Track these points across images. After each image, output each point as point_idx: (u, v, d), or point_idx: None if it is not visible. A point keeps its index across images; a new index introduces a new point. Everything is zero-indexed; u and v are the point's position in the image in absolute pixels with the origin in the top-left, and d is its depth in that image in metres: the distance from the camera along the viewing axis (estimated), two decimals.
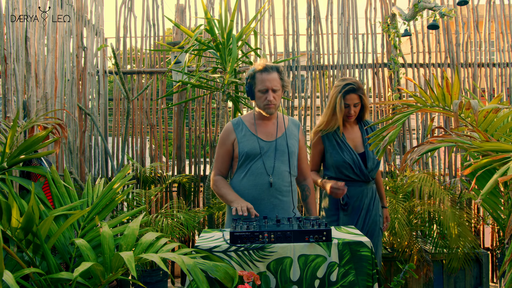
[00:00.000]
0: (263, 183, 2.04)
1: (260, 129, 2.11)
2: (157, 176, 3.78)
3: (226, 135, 2.15)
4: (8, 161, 1.73)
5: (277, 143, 2.09)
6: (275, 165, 2.06)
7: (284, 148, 2.08)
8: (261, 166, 2.05)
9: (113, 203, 1.81)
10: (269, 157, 2.06)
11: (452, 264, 3.06)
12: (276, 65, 2.03)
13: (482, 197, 1.23)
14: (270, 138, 2.10)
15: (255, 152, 2.06)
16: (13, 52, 2.38)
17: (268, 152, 2.07)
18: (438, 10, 3.38)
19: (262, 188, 2.04)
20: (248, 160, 2.07)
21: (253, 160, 2.06)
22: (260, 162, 2.05)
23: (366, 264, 1.65)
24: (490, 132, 1.77)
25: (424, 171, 3.61)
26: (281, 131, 2.12)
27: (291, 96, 3.90)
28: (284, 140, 2.10)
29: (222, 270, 1.42)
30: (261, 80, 1.99)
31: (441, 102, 1.85)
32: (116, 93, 3.93)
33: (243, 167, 2.09)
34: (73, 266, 1.62)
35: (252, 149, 2.06)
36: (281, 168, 2.07)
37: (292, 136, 2.14)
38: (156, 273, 3.18)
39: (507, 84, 4.00)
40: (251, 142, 2.07)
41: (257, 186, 2.05)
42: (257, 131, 2.10)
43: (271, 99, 2.00)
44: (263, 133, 2.10)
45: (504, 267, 1.44)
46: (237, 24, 3.88)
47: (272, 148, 2.08)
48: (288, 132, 2.13)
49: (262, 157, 2.06)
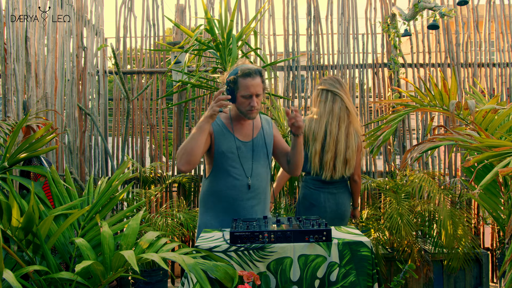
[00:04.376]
0: (242, 185, 2.01)
1: (237, 128, 2.06)
2: (157, 176, 3.78)
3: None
4: (9, 160, 1.73)
5: (254, 144, 2.06)
6: (253, 167, 2.04)
7: (261, 148, 2.07)
8: (239, 167, 2.01)
9: (113, 201, 1.81)
10: (247, 158, 2.03)
11: (452, 264, 3.06)
12: (258, 68, 1.96)
13: (481, 187, 1.23)
14: (247, 138, 2.06)
15: (232, 151, 2.01)
16: (13, 52, 2.38)
17: (245, 153, 2.03)
18: (438, 10, 3.38)
19: (241, 190, 2.01)
20: (225, 160, 2.02)
21: (230, 160, 2.01)
22: (238, 163, 2.02)
23: (366, 264, 1.65)
24: (490, 131, 1.77)
25: (424, 171, 3.61)
26: (257, 130, 2.10)
27: (291, 96, 3.90)
28: (261, 140, 2.08)
29: (222, 270, 1.41)
30: (245, 86, 1.92)
31: (439, 102, 1.85)
32: (116, 93, 3.93)
33: (220, 167, 2.03)
34: (73, 266, 1.62)
35: (228, 149, 2.01)
36: (259, 169, 2.05)
37: (268, 135, 2.12)
38: (156, 273, 3.18)
39: (507, 84, 4.00)
40: (228, 141, 2.02)
41: (236, 188, 2.01)
42: (234, 130, 2.05)
43: (255, 104, 1.94)
44: (239, 133, 2.05)
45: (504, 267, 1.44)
46: (237, 24, 3.88)
47: (249, 149, 2.04)
48: (264, 132, 2.11)
49: (240, 158, 2.02)
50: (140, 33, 3.97)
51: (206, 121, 1.86)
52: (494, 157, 1.35)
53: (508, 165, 1.24)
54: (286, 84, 3.93)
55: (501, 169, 1.21)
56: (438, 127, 1.99)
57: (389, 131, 1.98)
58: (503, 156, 1.33)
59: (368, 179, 3.44)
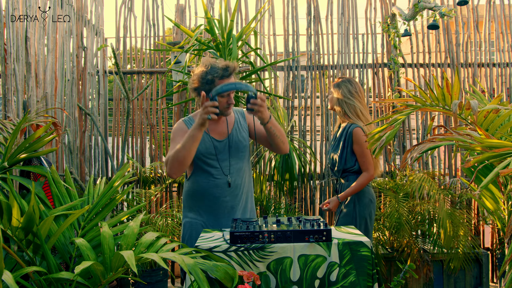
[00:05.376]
0: (222, 183, 2.05)
1: (212, 128, 2.09)
2: (157, 176, 3.78)
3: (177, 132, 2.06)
4: (9, 160, 1.73)
5: (229, 141, 2.09)
6: (231, 164, 2.08)
7: (237, 144, 2.09)
8: (218, 166, 2.06)
9: (113, 202, 1.81)
10: (224, 156, 2.07)
11: (452, 264, 3.06)
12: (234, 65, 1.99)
13: (481, 188, 1.23)
14: (222, 136, 2.10)
15: (210, 152, 2.05)
16: (13, 52, 2.38)
17: (223, 152, 2.07)
18: (438, 10, 3.38)
19: (222, 188, 2.05)
20: (203, 161, 2.06)
21: (209, 160, 2.06)
22: (216, 162, 2.06)
23: (366, 264, 1.65)
24: (491, 131, 1.77)
25: (424, 171, 3.61)
26: (231, 126, 2.13)
27: (291, 96, 3.90)
28: (236, 135, 2.11)
29: (222, 270, 1.41)
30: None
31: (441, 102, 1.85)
32: (116, 93, 3.93)
33: (199, 168, 2.07)
34: (73, 266, 1.62)
35: (206, 150, 2.05)
36: (238, 164, 2.09)
37: (242, 128, 2.15)
38: (156, 273, 3.18)
39: (507, 84, 4.00)
40: (205, 142, 2.05)
41: (218, 187, 2.05)
42: (209, 130, 2.09)
43: (232, 102, 2.01)
44: (215, 132, 2.09)
45: (504, 267, 1.44)
46: (237, 24, 3.88)
47: (226, 147, 2.08)
48: (239, 125, 2.14)
49: (218, 157, 2.06)
50: (140, 33, 3.97)
51: (199, 129, 1.88)
52: (494, 158, 1.35)
53: (508, 166, 1.24)
54: (286, 84, 3.93)
55: (501, 170, 1.21)
56: (438, 127, 1.99)
57: (392, 132, 1.98)
58: (503, 157, 1.33)
59: None
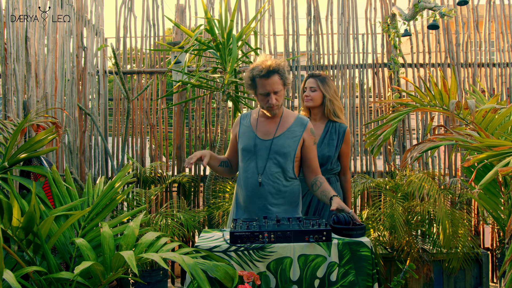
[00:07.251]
0: (254, 183, 2.04)
1: (261, 126, 2.11)
2: (157, 176, 3.78)
3: (234, 126, 2.25)
4: (9, 160, 1.73)
5: (272, 143, 2.06)
6: (267, 165, 2.05)
7: (278, 148, 2.05)
8: (254, 164, 2.05)
9: (114, 203, 1.81)
10: (262, 157, 2.06)
11: (452, 264, 3.06)
12: (276, 66, 1.98)
13: (481, 187, 1.23)
14: (267, 137, 2.08)
15: (249, 149, 2.07)
16: (13, 52, 2.38)
17: (261, 151, 2.06)
18: (438, 10, 3.38)
19: (253, 187, 2.04)
20: (243, 157, 2.10)
21: (248, 157, 2.08)
22: (253, 160, 2.06)
23: (366, 264, 1.65)
24: (490, 131, 1.77)
25: (424, 171, 3.61)
26: (281, 130, 2.09)
27: (291, 96, 3.90)
28: (281, 140, 2.06)
29: (222, 270, 1.42)
30: (262, 85, 1.99)
31: (439, 101, 1.85)
32: (116, 93, 3.93)
33: (241, 164, 2.13)
34: (73, 266, 1.62)
35: (247, 146, 2.08)
36: (272, 169, 2.04)
37: (292, 136, 2.07)
38: (156, 273, 3.18)
39: (507, 84, 4.00)
40: (248, 139, 2.09)
41: (249, 185, 2.05)
42: (257, 128, 2.11)
43: (273, 102, 1.99)
44: (261, 131, 2.09)
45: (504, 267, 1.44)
46: (237, 24, 3.88)
47: (266, 148, 2.06)
48: (288, 133, 2.08)
49: (256, 156, 2.06)
50: (140, 33, 3.97)
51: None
52: (494, 157, 1.35)
53: (508, 165, 1.24)
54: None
55: (501, 168, 1.21)
56: (438, 127, 1.99)
57: (389, 130, 1.99)
58: (503, 156, 1.33)
59: (367, 178, 3.44)
